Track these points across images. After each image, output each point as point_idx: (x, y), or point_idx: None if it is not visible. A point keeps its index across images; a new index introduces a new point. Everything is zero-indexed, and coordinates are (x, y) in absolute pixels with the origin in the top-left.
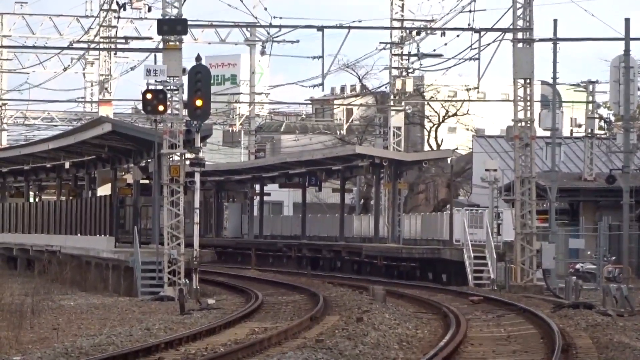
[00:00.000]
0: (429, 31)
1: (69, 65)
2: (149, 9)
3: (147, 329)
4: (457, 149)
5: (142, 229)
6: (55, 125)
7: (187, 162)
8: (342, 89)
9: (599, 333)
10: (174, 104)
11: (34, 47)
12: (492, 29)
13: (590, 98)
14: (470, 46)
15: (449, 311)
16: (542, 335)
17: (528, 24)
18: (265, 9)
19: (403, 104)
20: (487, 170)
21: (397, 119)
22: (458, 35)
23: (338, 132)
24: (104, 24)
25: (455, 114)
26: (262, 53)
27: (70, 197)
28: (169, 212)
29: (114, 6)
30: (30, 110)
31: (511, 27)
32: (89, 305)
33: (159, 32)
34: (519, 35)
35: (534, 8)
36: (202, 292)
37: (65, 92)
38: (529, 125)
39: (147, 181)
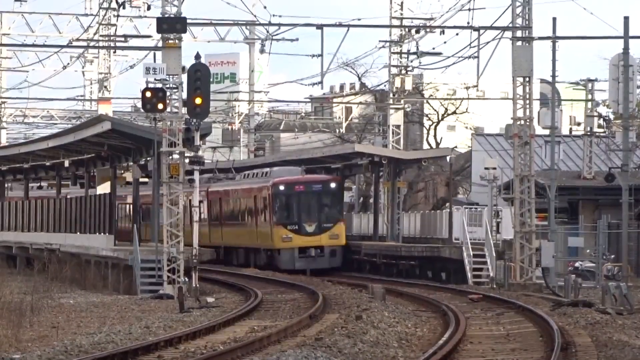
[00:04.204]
0: (428, 29)
1: (68, 64)
2: (148, 7)
3: (146, 327)
4: (456, 147)
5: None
6: (55, 124)
7: (187, 161)
8: (342, 87)
9: (598, 331)
10: (174, 102)
11: (33, 45)
12: (491, 27)
13: (590, 96)
14: (470, 44)
15: (448, 309)
16: (541, 334)
17: (527, 22)
18: (265, 7)
19: (402, 102)
20: (486, 168)
21: (396, 117)
22: (457, 34)
23: (337, 131)
24: (103, 22)
25: (454, 112)
26: (262, 51)
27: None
28: (168, 210)
29: (114, 4)
30: (30, 108)
31: (510, 25)
32: (89, 303)
33: (159, 31)
34: (518, 34)
35: (533, 6)
36: (202, 290)
37: (64, 90)
38: (528, 123)
39: (146, 179)
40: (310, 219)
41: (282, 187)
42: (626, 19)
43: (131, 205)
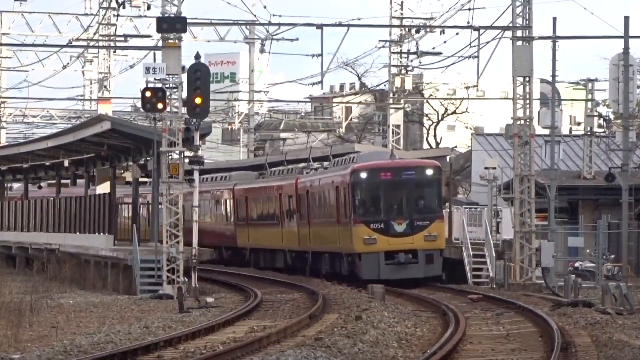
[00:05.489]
0: (428, 29)
1: (68, 63)
2: (148, 7)
3: (146, 327)
4: (456, 147)
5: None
6: (54, 123)
7: (186, 160)
8: (342, 87)
9: (598, 331)
10: (173, 102)
11: (33, 45)
12: (491, 27)
13: (590, 96)
14: (470, 44)
15: (448, 309)
16: (541, 334)
17: (527, 22)
18: (265, 7)
19: (402, 102)
20: (486, 168)
21: (396, 117)
22: (457, 33)
23: (337, 130)
24: (103, 22)
25: (454, 112)
26: (262, 51)
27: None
28: (168, 210)
29: (113, 4)
30: (30, 108)
31: (510, 25)
32: (88, 303)
33: (158, 30)
34: (518, 33)
35: (533, 6)
36: (201, 290)
37: (64, 90)
38: (528, 123)
39: (146, 179)
40: (399, 215)
41: (363, 175)
42: (626, 18)
43: None
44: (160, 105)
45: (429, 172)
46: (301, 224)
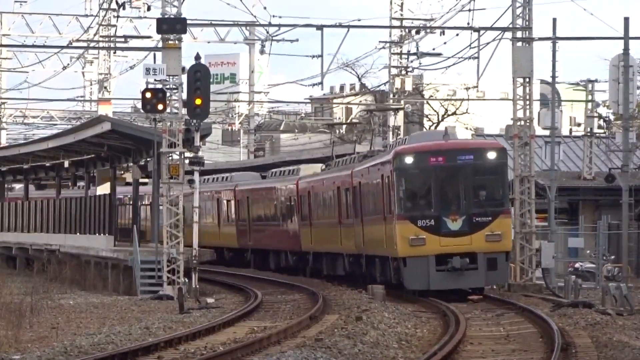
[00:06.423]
0: (428, 30)
1: (68, 64)
2: (149, 8)
3: (146, 328)
4: None
5: None
6: (55, 124)
7: (187, 161)
8: (342, 87)
9: (598, 332)
10: (173, 103)
11: (33, 46)
12: (491, 28)
13: (590, 97)
14: (470, 45)
15: (448, 310)
16: (541, 334)
17: (527, 23)
18: (265, 7)
19: (402, 102)
20: None
21: (396, 118)
22: (457, 34)
23: (337, 131)
24: (103, 23)
25: (454, 113)
26: (262, 52)
27: None
28: (168, 211)
29: (114, 5)
30: (30, 109)
31: (510, 26)
32: (88, 304)
33: (159, 31)
34: (518, 34)
35: (533, 7)
36: (202, 291)
37: (64, 91)
38: (528, 124)
39: (146, 180)
40: (454, 209)
41: (408, 160)
42: (626, 19)
43: None
44: (160, 106)
45: (492, 155)
46: (356, 223)
